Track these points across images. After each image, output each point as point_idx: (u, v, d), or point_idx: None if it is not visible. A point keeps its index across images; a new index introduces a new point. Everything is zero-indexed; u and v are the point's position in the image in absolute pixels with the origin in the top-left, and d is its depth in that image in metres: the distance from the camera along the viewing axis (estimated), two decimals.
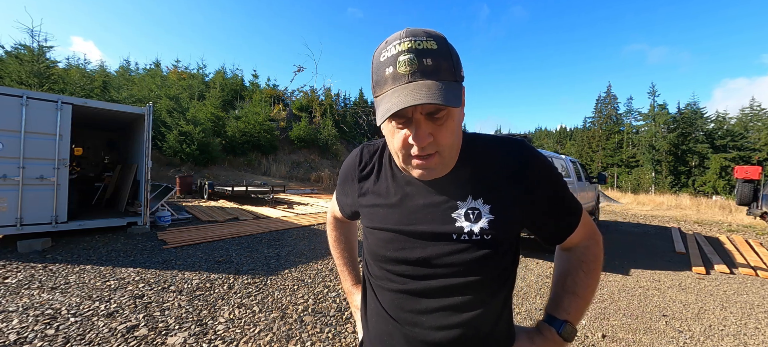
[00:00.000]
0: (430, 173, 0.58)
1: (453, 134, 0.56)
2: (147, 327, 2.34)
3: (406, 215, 0.65)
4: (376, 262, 0.69)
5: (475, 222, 0.61)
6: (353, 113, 26.86)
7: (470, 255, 0.60)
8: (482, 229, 0.60)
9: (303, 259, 4.21)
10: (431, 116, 0.53)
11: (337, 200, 0.87)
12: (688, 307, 3.20)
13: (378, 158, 0.74)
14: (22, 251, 3.92)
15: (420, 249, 0.63)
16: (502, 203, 0.62)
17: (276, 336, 2.34)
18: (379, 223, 0.68)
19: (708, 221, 9.50)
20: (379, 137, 0.75)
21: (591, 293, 0.70)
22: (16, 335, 2.16)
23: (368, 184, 0.73)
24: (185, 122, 13.92)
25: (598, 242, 0.72)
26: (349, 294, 0.95)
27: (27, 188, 4.26)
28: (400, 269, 0.65)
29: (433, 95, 0.50)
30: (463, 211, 0.62)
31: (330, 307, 2.86)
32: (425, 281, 0.63)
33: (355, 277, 0.96)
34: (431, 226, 0.63)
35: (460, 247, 0.61)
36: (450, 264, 0.61)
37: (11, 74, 10.42)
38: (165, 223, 5.81)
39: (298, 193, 13.75)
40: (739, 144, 28.99)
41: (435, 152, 0.56)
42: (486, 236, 0.60)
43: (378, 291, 0.70)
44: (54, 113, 4.47)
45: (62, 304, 2.63)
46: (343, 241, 0.97)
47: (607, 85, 60.28)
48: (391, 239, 0.66)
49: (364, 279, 0.77)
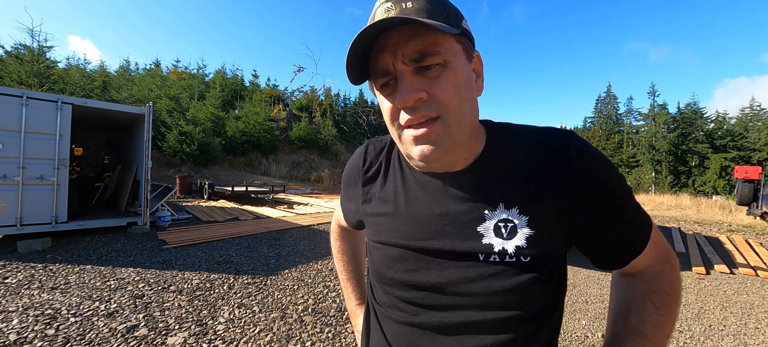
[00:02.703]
0: (431, 151, 0.45)
1: (457, 92, 0.43)
2: (147, 327, 2.34)
3: (418, 226, 0.52)
4: (382, 285, 0.57)
5: (508, 239, 0.47)
6: (353, 113, 26.86)
7: (503, 283, 0.46)
8: (518, 248, 0.47)
9: (303, 259, 4.21)
10: (421, 67, 0.43)
11: (342, 206, 0.75)
12: (688, 307, 3.20)
13: (385, 157, 0.62)
14: (22, 252, 3.92)
15: (436, 272, 0.50)
16: (543, 214, 0.47)
17: (276, 336, 2.34)
18: (385, 236, 0.56)
19: (708, 221, 9.50)
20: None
21: (665, 336, 0.51)
22: (16, 335, 2.16)
23: (374, 188, 0.61)
24: (185, 122, 13.93)
25: (674, 267, 0.54)
26: (353, 316, 0.81)
27: (27, 188, 4.26)
28: (410, 295, 0.52)
29: (409, 14, 0.41)
30: (493, 223, 0.48)
31: (330, 307, 2.86)
32: (442, 313, 0.50)
33: (360, 296, 0.82)
34: (451, 242, 0.50)
35: (489, 271, 0.47)
36: (476, 294, 0.47)
37: (11, 74, 10.42)
38: (165, 223, 5.80)
39: (298, 193, 13.75)
40: (739, 144, 28.96)
41: (435, 115, 0.44)
42: (523, 258, 0.47)
43: (383, 321, 0.58)
44: (54, 113, 4.47)
45: (62, 304, 2.63)
46: (349, 253, 0.83)
47: (607, 85, 60.30)
48: (399, 257, 0.53)
49: (368, 304, 0.64)
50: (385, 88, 0.46)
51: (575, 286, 3.64)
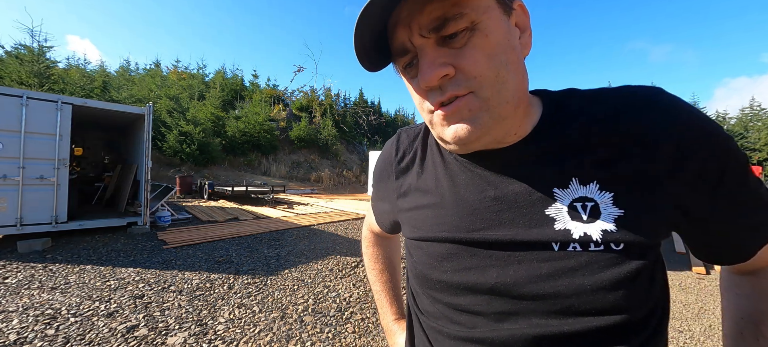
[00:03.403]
0: (466, 132, 0.37)
1: (492, 60, 0.35)
2: (147, 327, 2.34)
3: (468, 215, 0.42)
4: (427, 290, 0.46)
5: (589, 221, 0.36)
6: (353, 113, 26.84)
7: (592, 279, 0.35)
8: (606, 233, 0.35)
9: (303, 259, 4.21)
10: (443, 37, 0.35)
11: (373, 208, 0.66)
12: (688, 307, 3.20)
13: (421, 143, 0.52)
14: (22, 252, 3.91)
15: (496, 270, 0.39)
16: (632, 190, 0.36)
17: (276, 336, 2.34)
18: (427, 231, 0.46)
19: None
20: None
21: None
22: (16, 335, 2.16)
23: (410, 179, 0.51)
24: (185, 122, 13.93)
25: None
26: (390, 334, 0.68)
27: (27, 188, 4.26)
28: (464, 301, 0.41)
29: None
30: (567, 204, 0.37)
31: (330, 307, 2.86)
32: (509, 322, 0.38)
33: (398, 309, 0.71)
34: (513, 230, 0.39)
35: (569, 264, 0.36)
36: (553, 295, 0.36)
37: (11, 74, 10.43)
38: (165, 223, 5.80)
39: (298, 193, 13.76)
40: (739, 144, 28.99)
41: (466, 91, 0.35)
42: (614, 245, 0.35)
43: (432, 335, 0.46)
44: (54, 113, 4.47)
45: (62, 304, 2.63)
46: (383, 260, 0.73)
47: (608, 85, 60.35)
48: (447, 255, 0.43)
49: (411, 316, 0.53)
50: (409, 69, 0.39)
51: None
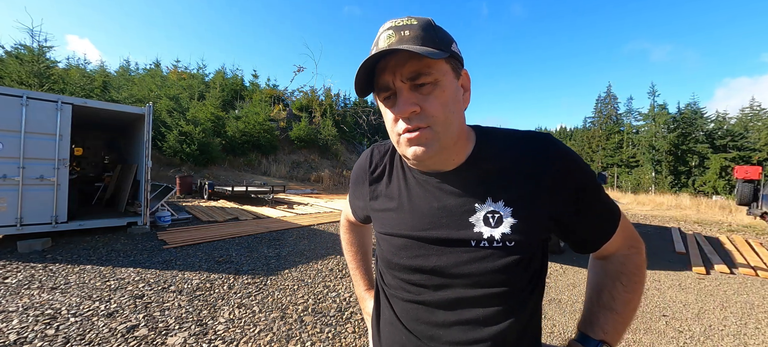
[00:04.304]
0: (422, 152, 0.54)
1: (445, 107, 0.53)
2: (147, 327, 2.34)
3: (419, 219, 0.61)
4: (390, 270, 0.66)
5: (495, 227, 0.56)
6: (353, 113, 26.84)
7: (491, 264, 0.55)
8: (504, 235, 0.55)
9: (303, 259, 4.21)
10: (415, 85, 0.52)
11: (350, 203, 0.85)
12: (688, 307, 3.20)
13: (389, 159, 0.71)
14: (22, 252, 3.92)
15: (435, 257, 0.59)
16: (525, 205, 0.56)
17: (276, 336, 2.34)
18: (391, 228, 0.65)
19: (708, 221, 9.49)
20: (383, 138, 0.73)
21: (632, 310, 0.62)
22: (16, 335, 2.16)
23: (380, 187, 0.70)
24: (185, 122, 13.93)
25: (640, 251, 0.65)
26: (362, 300, 0.92)
27: (27, 188, 4.26)
28: (414, 278, 0.61)
29: (406, 43, 0.50)
30: (482, 215, 0.57)
31: (330, 307, 2.86)
32: (442, 291, 0.59)
33: (368, 282, 0.92)
34: (447, 231, 0.58)
35: (480, 255, 0.56)
36: (469, 274, 0.56)
37: (11, 74, 10.42)
38: (165, 223, 5.80)
39: (298, 193, 13.75)
40: (739, 144, 28.95)
41: (426, 125, 0.53)
42: (508, 243, 0.55)
43: (392, 300, 0.67)
44: (54, 113, 4.47)
45: (62, 304, 2.63)
46: (357, 244, 0.94)
47: (607, 85, 60.40)
48: (404, 246, 0.62)
49: (378, 287, 0.74)
50: (387, 100, 0.55)
51: (575, 286, 3.64)
